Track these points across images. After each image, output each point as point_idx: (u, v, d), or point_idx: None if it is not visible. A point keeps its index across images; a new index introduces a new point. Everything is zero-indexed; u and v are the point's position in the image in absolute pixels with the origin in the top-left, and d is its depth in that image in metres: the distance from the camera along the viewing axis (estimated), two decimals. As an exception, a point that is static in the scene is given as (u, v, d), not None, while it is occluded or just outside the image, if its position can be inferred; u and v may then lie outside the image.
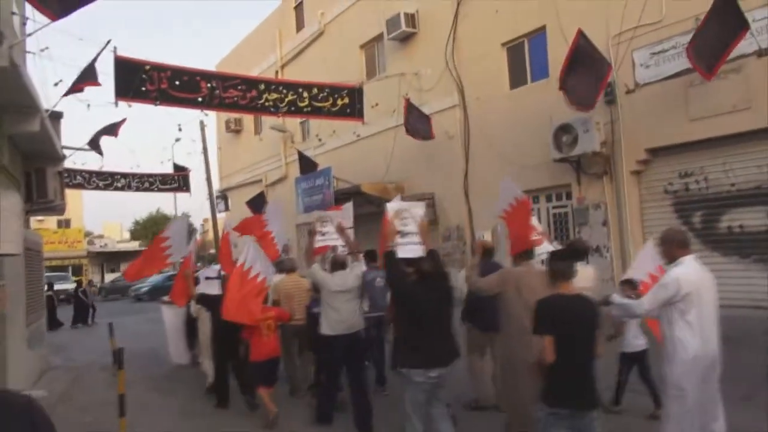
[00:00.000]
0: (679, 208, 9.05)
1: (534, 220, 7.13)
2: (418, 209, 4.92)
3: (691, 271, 3.80)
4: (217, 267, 7.79)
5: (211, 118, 25.56)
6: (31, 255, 8.52)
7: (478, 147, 12.04)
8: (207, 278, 7.20)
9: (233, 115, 21.06)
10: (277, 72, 18.64)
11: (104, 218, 59.19)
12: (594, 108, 8.92)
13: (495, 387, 5.60)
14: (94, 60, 7.70)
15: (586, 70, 8.55)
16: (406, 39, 13.65)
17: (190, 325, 8.61)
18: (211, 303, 6.69)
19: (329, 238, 6.42)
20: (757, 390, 5.34)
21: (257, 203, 16.65)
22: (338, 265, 5.71)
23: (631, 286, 5.03)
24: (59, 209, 10.54)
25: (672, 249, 3.93)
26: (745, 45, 7.67)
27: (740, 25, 7.27)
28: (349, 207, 7.54)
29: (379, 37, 14.64)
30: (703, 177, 8.73)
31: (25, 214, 9.63)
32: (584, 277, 4.94)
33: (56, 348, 12.21)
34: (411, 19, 13.32)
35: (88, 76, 7.46)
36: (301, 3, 18.47)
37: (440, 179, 12.72)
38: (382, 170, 13.92)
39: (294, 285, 6.97)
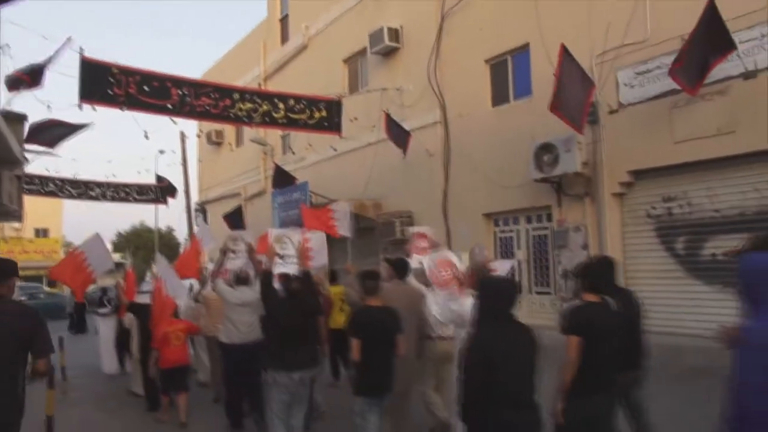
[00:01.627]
0: (662, 233, 8.74)
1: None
2: (297, 235, 5.66)
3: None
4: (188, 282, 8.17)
5: (193, 129, 25.14)
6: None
7: (458, 165, 11.70)
8: (140, 292, 7.71)
9: (215, 127, 20.63)
10: (260, 84, 18.29)
11: (87, 229, 58.20)
12: (583, 130, 8.68)
13: None
14: (51, 58, 7.30)
15: (573, 88, 8.30)
16: (389, 54, 13.37)
17: (122, 337, 8.87)
18: (139, 311, 7.11)
19: (240, 256, 6.59)
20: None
21: (234, 218, 16.20)
22: (241, 280, 6.23)
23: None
24: (15, 215, 10.02)
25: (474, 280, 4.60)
26: (731, 67, 7.45)
27: (726, 46, 7.07)
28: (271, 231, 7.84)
29: (362, 52, 14.36)
30: (687, 202, 8.43)
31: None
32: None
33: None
34: (394, 34, 13.05)
35: (30, 76, 7.04)
36: (286, 16, 18.25)
37: (419, 197, 12.36)
38: (361, 186, 13.54)
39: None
